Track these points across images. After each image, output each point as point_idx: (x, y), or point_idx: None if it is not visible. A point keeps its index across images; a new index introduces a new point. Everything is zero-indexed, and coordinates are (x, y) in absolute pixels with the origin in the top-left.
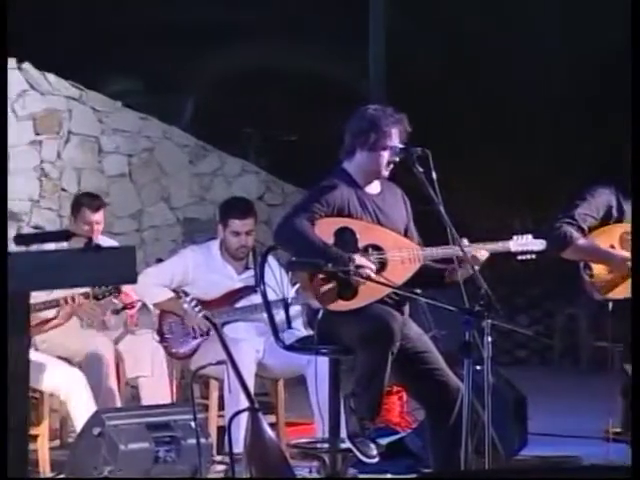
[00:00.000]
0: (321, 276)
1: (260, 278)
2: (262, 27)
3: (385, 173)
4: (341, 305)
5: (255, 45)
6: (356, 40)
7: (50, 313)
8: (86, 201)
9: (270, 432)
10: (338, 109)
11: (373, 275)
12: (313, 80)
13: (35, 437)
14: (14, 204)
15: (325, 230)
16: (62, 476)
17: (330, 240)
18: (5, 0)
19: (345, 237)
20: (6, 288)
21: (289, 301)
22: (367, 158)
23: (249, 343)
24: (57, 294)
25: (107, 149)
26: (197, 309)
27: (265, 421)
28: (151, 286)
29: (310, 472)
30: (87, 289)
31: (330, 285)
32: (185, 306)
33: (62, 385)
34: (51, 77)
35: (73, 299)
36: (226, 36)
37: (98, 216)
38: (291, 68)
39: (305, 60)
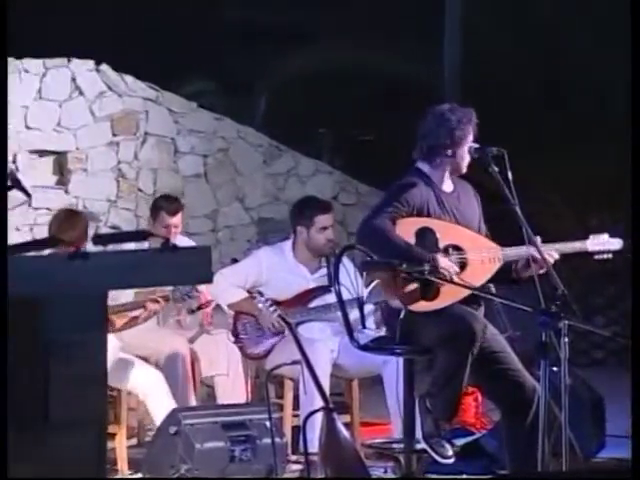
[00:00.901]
0: (403, 277)
1: (335, 278)
2: (338, 27)
3: (463, 171)
4: (423, 306)
5: (330, 45)
6: (432, 40)
7: (131, 314)
8: (165, 205)
9: (345, 432)
10: (413, 109)
11: (455, 277)
12: (388, 80)
13: (113, 435)
14: (92, 204)
15: (406, 230)
16: (139, 475)
17: (411, 240)
18: (5, 0)
19: (426, 237)
20: (6, 288)
21: (363, 300)
22: (442, 158)
23: (324, 343)
24: (139, 296)
25: (183, 150)
26: (272, 309)
27: (340, 421)
28: (226, 286)
29: (385, 472)
30: (167, 292)
31: (412, 286)
32: (260, 306)
33: (141, 384)
34: (128, 78)
35: (157, 301)
36: (301, 36)
37: (176, 219)
38: (367, 68)
39: (381, 60)
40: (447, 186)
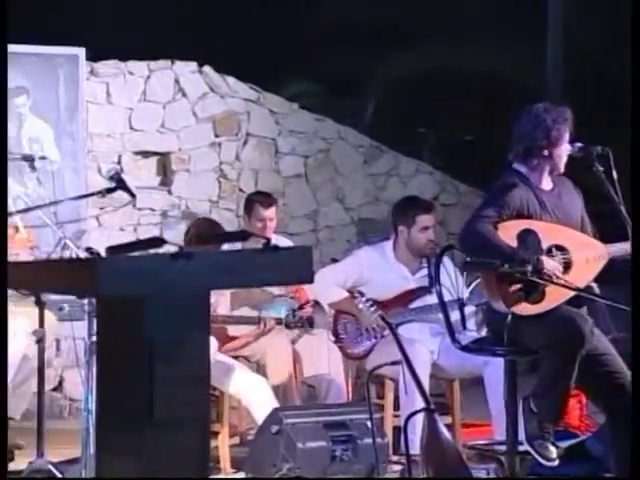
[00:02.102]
0: (508, 279)
1: (435, 278)
2: (437, 27)
3: (561, 170)
4: (528, 308)
5: (430, 45)
6: (534, 40)
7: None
8: (258, 198)
9: (447, 433)
10: (514, 109)
11: (561, 279)
12: (489, 80)
13: (215, 434)
14: (194, 205)
15: (508, 234)
16: (241, 474)
17: (513, 243)
18: (5, 0)
19: (528, 239)
20: (5, 287)
21: (464, 302)
22: (539, 159)
23: (424, 344)
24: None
25: (283, 150)
26: (372, 309)
27: (441, 422)
28: (327, 286)
29: (487, 474)
30: (281, 316)
31: (516, 288)
32: (361, 306)
33: (245, 391)
34: (230, 80)
35: (265, 324)
36: (402, 37)
37: (270, 212)
38: (467, 68)
39: (481, 60)
40: (546, 185)
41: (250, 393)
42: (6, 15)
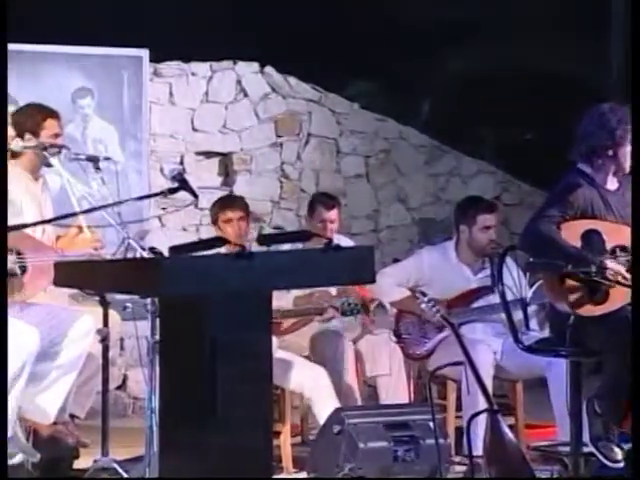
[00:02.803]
0: (571, 279)
1: (498, 278)
2: (499, 26)
3: (627, 171)
4: (592, 309)
5: (491, 44)
6: (598, 38)
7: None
8: (321, 200)
9: (510, 434)
10: (577, 108)
11: (625, 279)
12: (550, 79)
13: (277, 433)
14: (255, 205)
15: (572, 234)
16: (303, 474)
17: (577, 243)
18: (5, 0)
19: (592, 239)
20: (5, 287)
21: (527, 302)
22: (604, 159)
23: (486, 344)
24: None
25: (345, 150)
26: (435, 309)
27: (504, 423)
28: (389, 285)
29: (552, 475)
30: (337, 304)
31: (580, 288)
32: (423, 306)
33: (306, 383)
34: (292, 80)
35: (321, 313)
36: (463, 36)
37: (332, 214)
38: (528, 67)
39: (542, 59)
40: (611, 185)
41: (311, 388)
42: (6, 15)
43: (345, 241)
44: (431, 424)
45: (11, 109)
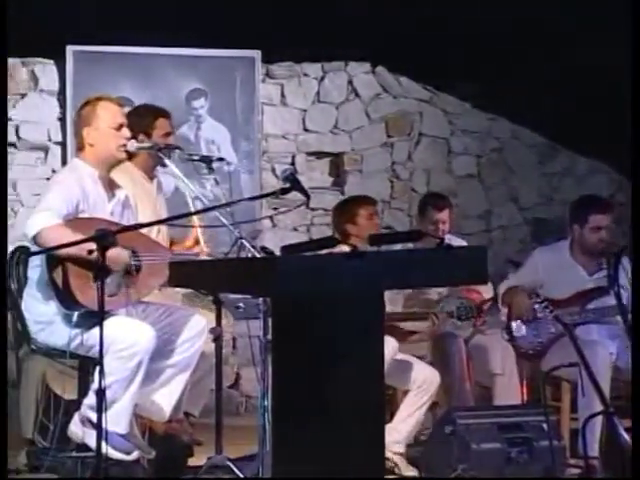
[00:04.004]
0: None
1: (614, 279)
2: (605, 25)
3: None
4: None
5: (603, 42)
6: None
7: (415, 325)
8: (432, 200)
9: (627, 437)
10: None
11: None
12: None
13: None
14: None
15: None
16: (415, 474)
17: None
18: (5, 0)
19: None
20: (5, 286)
21: None
22: None
23: (603, 345)
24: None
25: (456, 150)
26: (548, 310)
27: (621, 425)
28: (501, 287)
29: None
30: (452, 309)
31: None
32: (536, 307)
33: (419, 383)
34: (403, 80)
35: (437, 316)
36: (572, 34)
37: (443, 215)
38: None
39: None
40: None
41: (424, 388)
42: (6, 15)
43: (457, 241)
44: (545, 425)
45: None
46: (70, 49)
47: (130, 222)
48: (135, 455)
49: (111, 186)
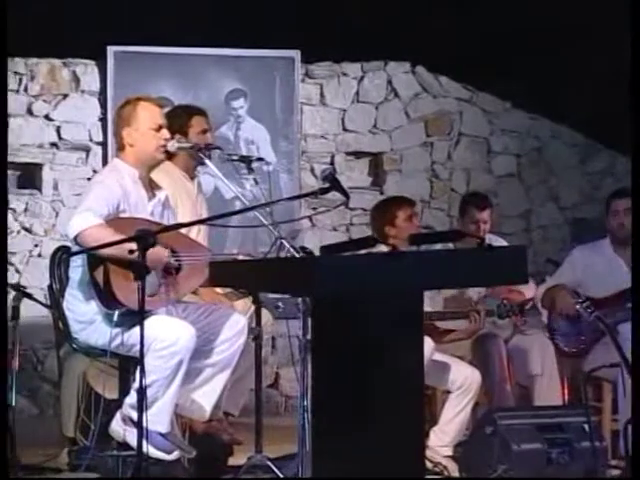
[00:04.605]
0: None
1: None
2: None
3: None
4: None
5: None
6: None
7: (455, 324)
8: (473, 200)
9: None
10: None
11: None
12: None
13: (427, 434)
14: None
15: None
16: (455, 475)
17: None
18: (5, 0)
19: None
20: (5, 286)
21: None
22: None
23: None
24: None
25: (496, 149)
26: (590, 310)
27: None
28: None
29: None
30: (492, 307)
31: None
32: (577, 307)
33: (460, 384)
34: (443, 80)
35: (478, 313)
36: (615, 34)
37: (484, 215)
38: None
39: None
40: None
41: (464, 389)
42: (6, 16)
43: (497, 241)
44: (586, 426)
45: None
46: (111, 49)
47: (170, 222)
48: (175, 455)
49: (151, 186)
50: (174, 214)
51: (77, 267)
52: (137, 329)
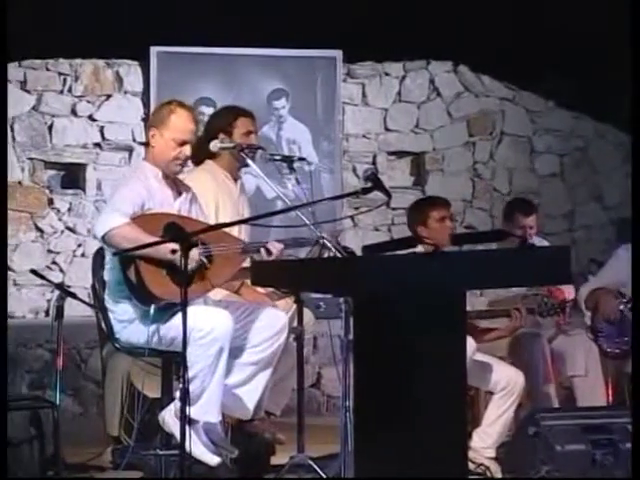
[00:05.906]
0: None
1: None
2: None
3: None
4: None
5: None
6: None
7: (495, 323)
8: (519, 206)
9: None
10: None
11: None
12: None
13: (470, 434)
14: None
15: None
16: (498, 476)
17: None
18: (5, 0)
19: None
20: (5, 286)
21: None
22: None
23: None
24: (504, 304)
25: (539, 149)
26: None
27: None
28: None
29: None
30: (534, 305)
31: None
32: (621, 307)
33: (503, 384)
34: (485, 79)
35: (520, 311)
36: None
37: (530, 220)
38: None
39: None
40: None
41: (507, 390)
42: (6, 16)
43: (540, 241)
44: (630, 427)
45: (210, 112)
46: (154, 50)
47: (198, 218)
48: (217, 461)
49: (177, 185)
50: (202, 210)
51: (111, 269)
52: (175, 322)
